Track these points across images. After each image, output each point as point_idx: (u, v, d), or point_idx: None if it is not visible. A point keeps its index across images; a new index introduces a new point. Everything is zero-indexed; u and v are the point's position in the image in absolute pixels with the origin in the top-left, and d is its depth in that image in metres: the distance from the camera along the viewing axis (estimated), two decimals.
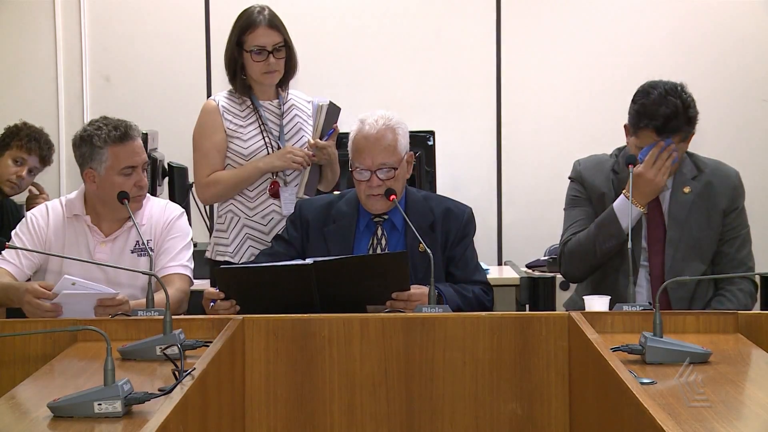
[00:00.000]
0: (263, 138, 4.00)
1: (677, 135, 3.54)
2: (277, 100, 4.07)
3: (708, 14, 5.86)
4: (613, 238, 3.55)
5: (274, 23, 3.96)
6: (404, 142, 3.62)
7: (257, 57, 3.94)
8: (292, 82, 4.11)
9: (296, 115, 4.08)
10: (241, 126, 4.00)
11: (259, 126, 4.01)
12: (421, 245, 3.41)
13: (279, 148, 4.01)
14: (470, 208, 3.70)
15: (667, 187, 3.66)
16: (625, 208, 3.51)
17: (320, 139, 4.01)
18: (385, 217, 3.64)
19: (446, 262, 3.61)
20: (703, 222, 3.65)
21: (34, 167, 4.69)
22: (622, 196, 3.57)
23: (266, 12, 3.97)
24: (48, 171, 5.05)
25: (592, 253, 3.62)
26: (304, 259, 3.40)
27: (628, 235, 3.40)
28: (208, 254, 4.10)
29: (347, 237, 3.62)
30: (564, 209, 3.81)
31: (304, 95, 4.17)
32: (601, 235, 3.58)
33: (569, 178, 3.81)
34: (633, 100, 3.60)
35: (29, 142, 4.64)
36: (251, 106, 4.03)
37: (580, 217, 3.73)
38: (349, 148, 3.63)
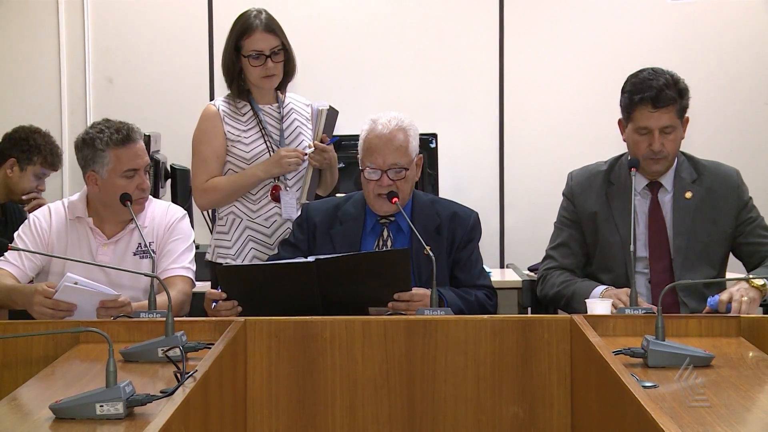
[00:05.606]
0: (264, 142, 3.98)
1: (672, 107, 3.54)
2: (276, 104, 4.05)
3: (710, 16, 5.85)
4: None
5: (271, 27, 3.94)
6: (415, 144, 3.61)
7: (255, 62, 3.92)
8: (290, 86, 4.09)
9: (295, 119, 4.07)
10: (242, 131, 3.98)
11: (260, 130, 3.99)
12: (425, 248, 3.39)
13: None
14: (476, 213, 3.70)
15: (667, 190, 3.66)
16: (590, 304, 3.32)
17: (321, 143, 3.97)
18: (392, 218, 3.64)
19: (451, 266, 3.61)
20: (710, 227, 3.63)
21: (47, 175, 4.74)
22: (601, 291, 3.52)
23: (263, 16, 3.95)
24: None
25: (562, 305, 3.67)
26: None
27: (629, 236, 3.39)
28: (208, 256, 4.06)
29: (354, 238, 3.61)
30: (554, 223, 3.82)
31: (302, 98, 4.15)
32: (572, 303, 3.58)
33: (562, 193, 3.81)
34: (622, 91, 3.63)
35: (52, 157, 4.67)
36: (251, 111, 4.01)
37: (565, 241, 3.74)
38: (359, 148, 3.62)
